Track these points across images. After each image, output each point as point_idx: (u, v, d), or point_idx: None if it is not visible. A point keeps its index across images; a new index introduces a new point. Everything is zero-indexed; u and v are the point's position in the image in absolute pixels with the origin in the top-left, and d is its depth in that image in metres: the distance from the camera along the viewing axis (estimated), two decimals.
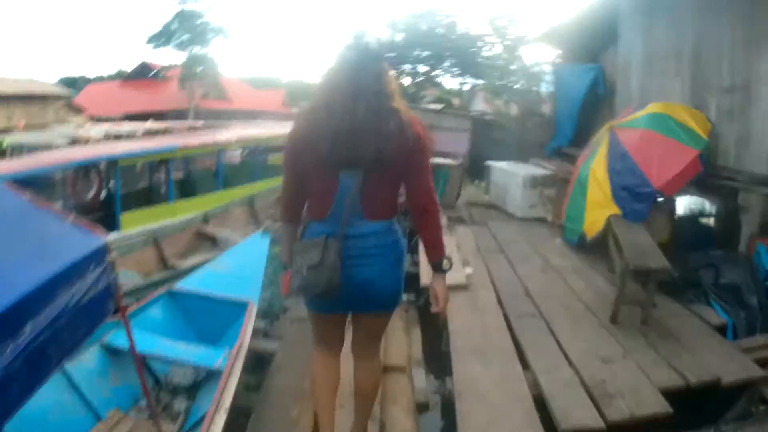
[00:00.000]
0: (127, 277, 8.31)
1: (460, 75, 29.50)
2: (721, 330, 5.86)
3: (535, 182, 10.42)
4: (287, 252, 3.21)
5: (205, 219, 11.03)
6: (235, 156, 17.72)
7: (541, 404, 4.52)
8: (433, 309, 3.30)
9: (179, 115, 32.91)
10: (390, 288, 3.14)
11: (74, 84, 45.14)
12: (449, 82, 32.88)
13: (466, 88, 32.83)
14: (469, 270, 7.31)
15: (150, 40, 36.34)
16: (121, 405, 4.59)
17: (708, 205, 9.37)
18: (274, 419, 4.36)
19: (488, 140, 20.27)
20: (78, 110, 35.42)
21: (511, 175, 10.89)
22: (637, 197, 7.32)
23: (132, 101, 36.88)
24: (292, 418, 4.30)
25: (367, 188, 2.94)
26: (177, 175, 13.56)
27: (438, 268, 3.19)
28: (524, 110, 15.10)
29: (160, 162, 12.04)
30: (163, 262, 9.70)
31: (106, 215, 10.28)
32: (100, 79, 49.16)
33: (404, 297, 6.47)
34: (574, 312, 6.22)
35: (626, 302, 5.92)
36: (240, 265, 6.55)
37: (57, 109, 33.53)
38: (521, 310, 6.26)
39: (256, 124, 18.59)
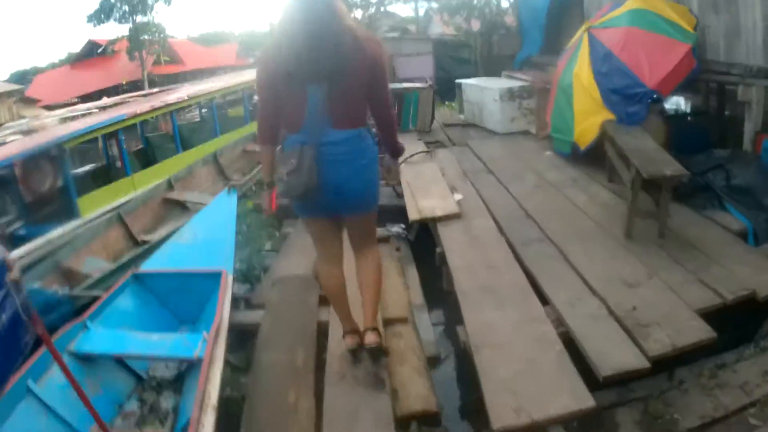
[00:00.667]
0: (94, 265, 7.64)
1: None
2: (742, 235, 5.27)
3: (512, 94, 9.70)
4: (268, 171, 3.54)
5: (170, 185, 10.17)
6: (195, 115, 16.88)
7: (570, 344, 3.89)
8: (384, 183, 3.92)
9: (134, 87, 32.28)
10: (362, 189, 3.44)
11: (26, 76, 43.41)
12: (402, 9, 31.83)
13: (421, 13, 31.72)
14: (458, 196, 6.64)
15: (90, 19, 34.37)
16: (104, 415, 3.92)
17: (684, 103, 8.93)
18: (270, 407, 3.73)
19: (452, 60, 19.76)
20: (31, 103, 34.71)
21: (485, 90, 10.15)
22: (630, 99, 6.69)
23: (84, 82, 35.91)
24: (289, 404, 3.68)
25: (333, 100, 3.21)
26: (133, 145, 12.75)
27: (394, 156, 3.77)
28: (487, 25, 14.17)
29: (110, 136, 11.17)
30: (133, 240, 8.94)
31: (63, 203, 9.47)
32: (52, 66, 47.32)
33: (394, 230, 6.32)
34: (584, 231, 5.56)
35: (639, 215, 5.33)
36: (208, 232, 5.96)
37: (9, 107, 32.83)
38: (525, 235, 5.59)
39: (210, 80, 17.58)
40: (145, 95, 15.76)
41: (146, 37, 33.95)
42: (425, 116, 10.52)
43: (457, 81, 11.62)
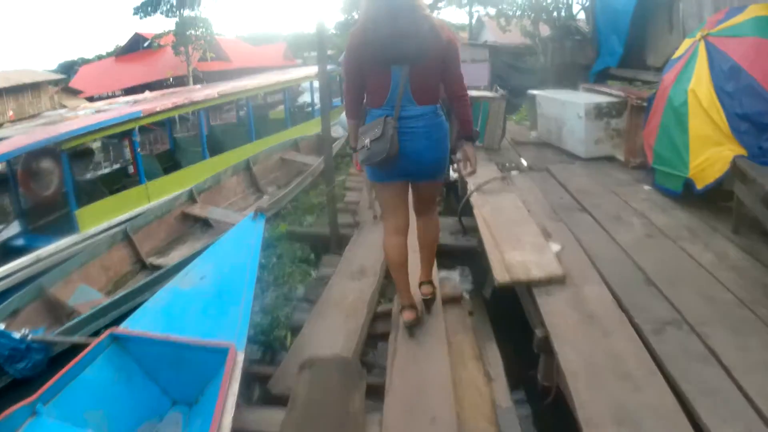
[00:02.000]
0: (86, 296, 6.22)
1: (468, 4, 26.82)
2: None
3: (599, 112, 7.88)
4: (354, 138, 3.84)
5: (191, 197, 8.60)
6: (231, 116, 15.45)
7: None
8: (466, 172, 4.07)
9: (179, 82, 31.49)
10: (436, 159, 3.78)
11: (73, 67, 43.43)
12: (454, 15, 30.20)
13: (476, 19, 29.98)
14: (555, 246, 4.87)
15: (136, 11, 33.21)
16: None
17: None
18: None
19: (511, 69, 18.23)
20: (74, 93, 34.28)
21: (567, 105, 8.32)
22: (766, 130, 5.10)
23: (129, 75, 35.51)
24: None
25: (414, 79, 3.54)
26: (151, 148, 11.19)
27: (469, 139, 3.98)
28: (560, 29, 12.30)
29: (123, 135, 9.62)
30: (141, 263, 7.34)
31: (58, 215, 7.93)
32: (99, 58, 46.87)
33: (462, 288, 5.13)
34: (725, 310, 3.82)
35: None
36: (221, 276, 4.39)
37: (51, 96, 33.01)
38: (654, 315, 3.83)
39: (249, 78, 16.07)
40: (187, 91, 14.30)
41: (192, 32, 32.61)
42: (495, 131, 8.76)
43: (531, 92, 9.83)
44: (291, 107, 15.95)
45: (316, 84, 16.85)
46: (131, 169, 9.87)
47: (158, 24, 77.18)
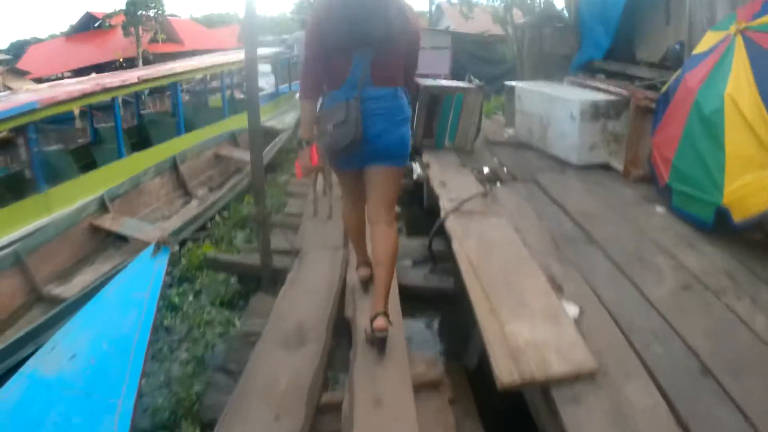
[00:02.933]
0: None
1: None
2: None
3: (596, 112, 6.49)
4: (308, 128, 3.50)
5: (102, 206, 6.92)
6: (164, 105, 13.77)
7: None
8: None
9: (130, 64, 29.54)
10: (396, 142, 3.44)
11: (24, 47, 41.05)
12: (413, 0, 28.64)
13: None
14: (573, 310, 3.40)
15: None
16: None
17: None
18: None
19: (475, 59, 16.86)
20: (21, 74, 32.34)
21: (557, 102, 6.89)
22: None
23: (79, 56, 33.07)
24: None
25: (376, 62, 3.31)
26: (56, 146, 9.46)
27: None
28: (540, 16, 10.73)
29: (16, 132, 7.92)
30: (35, 292, 5.73)
31: None
32: (53, 37, 44.42)
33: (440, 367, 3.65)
34: None
35: None
36: (99, 351, 2.96)
37: None
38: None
39: (182, 61, 14.19)
40: (111, 75, 12.43)
41: (143, 12, 30.63)
42: (468, 130, 7.30)
43: (508, 83, 8.38)
44: (233, 94, 14.48)
45: (263, 68, 15.23)
46: (27, 173, 8.08)
47: (112, 3, 74.15)
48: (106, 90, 8.52)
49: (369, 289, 3.94)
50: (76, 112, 22.75)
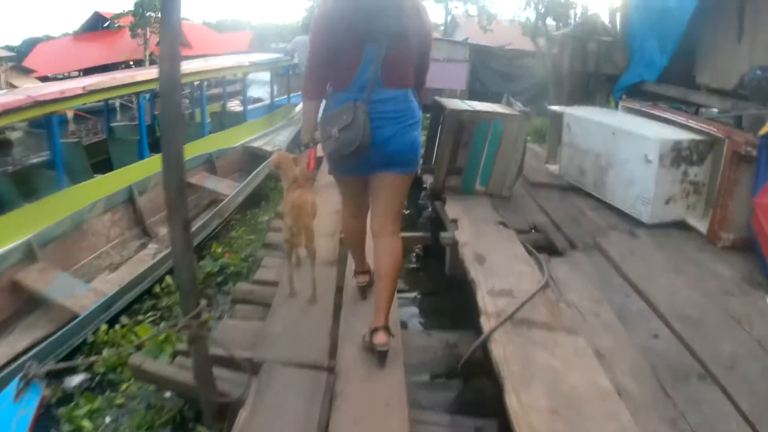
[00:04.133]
0: None
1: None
2: None
3: (678, 154, 4.77)
4: (309, 129, 3.24)
5: (29, 254, 5.13)
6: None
7: None
8: None
9: (139, 66, 28.12)
10: (406, 147, 3.11)
11: (36, 45, 39.95)
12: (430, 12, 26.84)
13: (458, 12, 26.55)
14: None
15: None
16: None
17: None
18: None
19: (494, 74, 15.28)
20: (26, 72, 31.30)
21: (625, 137, 5.16)
22: None
23: (84, 56, 31.74)
24: None
25: (387, 60, 2.97)
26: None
27: None
28: (584, 27, 8.76)
29: None
30: None
31: None
32: (65, 36, 43.21)
33: None
34: None
35: None
36: None
37: None
38: None
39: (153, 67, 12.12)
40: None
41: (152, 14, 28.80)
42: (507, 170, 5.49)
43: (554, 109, 6.61)
44: (225, 105, 12.66)
45: (263, 76, 13.47)
46: None
47: (123, 3, 72.71)
48: (37, 104, 6.35)
49: (367, 295, 3.66)
50: (70, 115, 21.09)
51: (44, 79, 27.75)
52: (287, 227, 3.63)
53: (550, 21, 10.28)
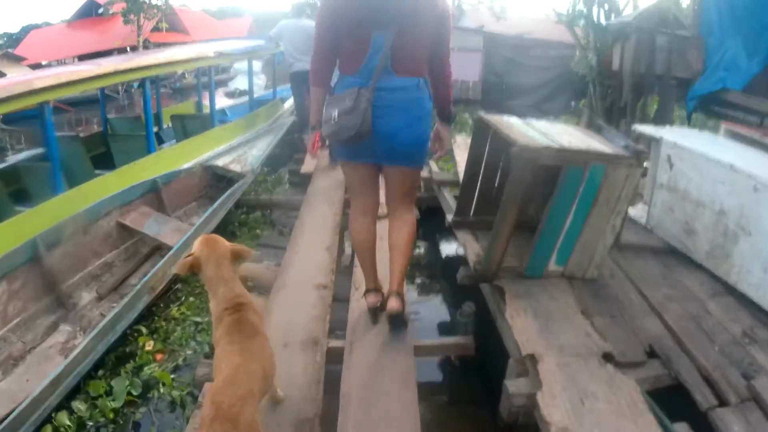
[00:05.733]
0: None
1: None
2: None
3: None
4: (317, 114, 2.97)
5: None
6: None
7: None
8: (438, 154, 3.11)
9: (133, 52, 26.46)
10: (414, 140, 2.87)
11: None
12: None
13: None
14: None
15: None
16: None
17: None
18: None
19: (512, 65, 13.85)
20: (18, 60, 29.78)
21: None
22: None
23: (77, 43, 30.80)
24: None
25: (397, 45, 2.72)
26: None
27: (446, 119, 3.10)
28: (652, 16, 6.64)
29: None
30: None
31: None
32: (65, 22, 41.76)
33: None
34: None
35: None
36: None
37: None
38: None
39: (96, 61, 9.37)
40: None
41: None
42: (600, 239, 3.40)
43: (646, 131, 4.44)
44: (200, 101, 9.86)
45: (246, 65, 10.90)
46: None
47: None
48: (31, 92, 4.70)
49: (378, 317, 3.21)
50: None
51: (36, 66, 26.27)
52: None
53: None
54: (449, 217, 4.35)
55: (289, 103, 10.37)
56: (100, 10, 33.09)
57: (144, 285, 4.04)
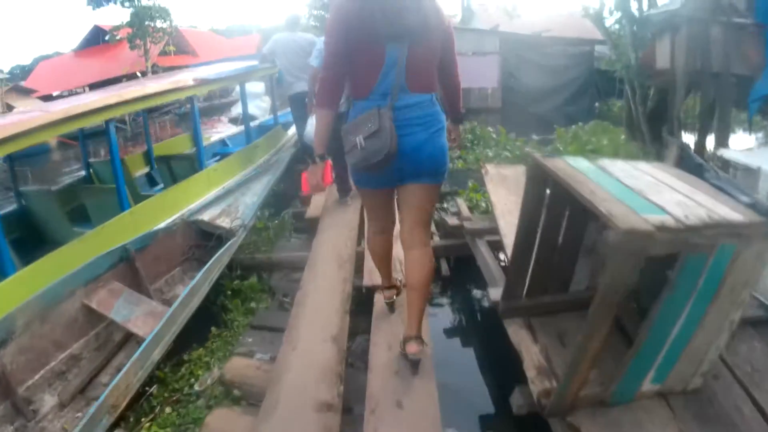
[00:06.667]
0: None
1: None
2: None
3: None
4: (323, 141, 2.74)
5: None
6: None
7: None
8: (451, 144, 3.02)
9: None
10: (437, 154, 2.73)
11: None
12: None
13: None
14: None
15: (89, 2, 26.86)
16: None
17: None
18: None
19: (529, 66, 12.85)
20: (27, 93, 30.36)
21: None
22: None
23: (86, 72, 30.59)
24: None
25: (411, 61, 2.62)
26: None
27: (457, 121, 3.19)
28: (706, 3, 5.63)
29: None
30: None
31: None
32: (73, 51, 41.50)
33: None
34: None
35: None
36: None
37: None
38: None
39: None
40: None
41: (150, 23, 26.36)
42: (714, 340, 2.32)
43: (735, 157, 3.42)
44: (197, 141, 7.22)
45: (254, 88, 9.68)
46: None
47: (120, 15, 69.88)
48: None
49: (393, 308, 3.40)
50: (53, 142, 18.41)
51: (47, 98, 25.70)
52: None
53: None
54: (492, 293, 3.36)
55: (291, 130, 9.11)
56: (107, 37, 32.40)
57: (101, 405, 3.07)
